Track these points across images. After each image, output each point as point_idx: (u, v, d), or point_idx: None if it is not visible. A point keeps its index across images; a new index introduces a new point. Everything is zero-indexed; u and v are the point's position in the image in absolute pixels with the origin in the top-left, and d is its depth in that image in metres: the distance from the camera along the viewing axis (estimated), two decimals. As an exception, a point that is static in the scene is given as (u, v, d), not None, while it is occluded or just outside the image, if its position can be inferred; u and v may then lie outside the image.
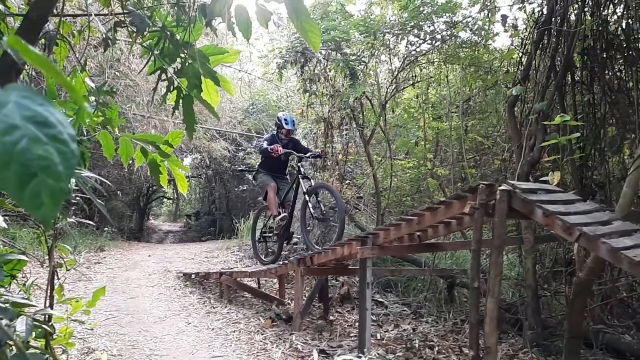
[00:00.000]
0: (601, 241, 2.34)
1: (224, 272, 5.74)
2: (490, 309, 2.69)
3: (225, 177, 16.47)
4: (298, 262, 4.61)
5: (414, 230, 3.66)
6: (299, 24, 1.56)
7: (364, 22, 5.63)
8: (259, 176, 6.02)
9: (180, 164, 2.31)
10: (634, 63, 4.75)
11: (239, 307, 5.40)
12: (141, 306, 5.35)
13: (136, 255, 9.23)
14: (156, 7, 2.01)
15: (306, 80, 6.47)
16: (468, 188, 3.06)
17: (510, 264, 6.08)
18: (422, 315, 5.29)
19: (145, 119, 9.62)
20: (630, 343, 4.00)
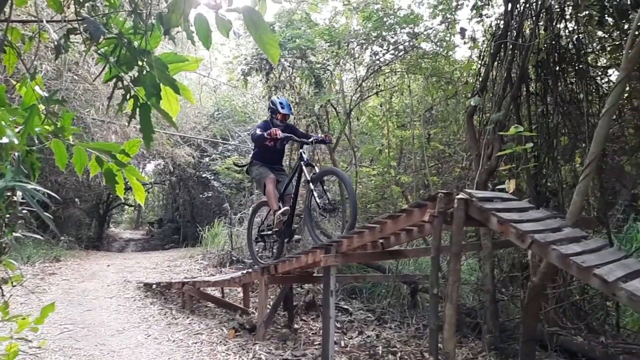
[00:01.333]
0: (551, 248, 2.45)
1: (186, 282, 5.63)
2: (448, 314, 2.75)
3: (189, 184, 16.17)
4: (262, 271, 4.57)
5: (377, 237, 3.70)
6: (257, 36, 1.57)
7: (329, 31, 5.70)
8: (254, 169, 5.33)
9: (138, 173, 2.25)
10: (584, 76, 5.01)
11: (202, 318, 5.30)
12: (98, 319, 5.17)
13: (94, 265, 8.91)
14: (112, 14, 1.96)
15: (271, 87, 6.47)
16: (428, 197, 3.13)
17: (471, 269, 6.25)
18: (386, 321, 5.35)
19: (105, 124, 9.33)
20: (581, 344, 4.17)
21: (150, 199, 24.01)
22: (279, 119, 5.11)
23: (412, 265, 6.43)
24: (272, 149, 5.25)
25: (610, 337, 4.40)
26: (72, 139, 2.06)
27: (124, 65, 2.05)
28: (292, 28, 6.03)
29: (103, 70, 2.10)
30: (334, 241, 3.91)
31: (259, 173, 5.24)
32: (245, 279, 5.00)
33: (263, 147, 5.20)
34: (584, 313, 4.75)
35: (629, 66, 3.28)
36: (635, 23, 3.32)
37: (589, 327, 4.65)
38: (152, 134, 2.11)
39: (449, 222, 2.96)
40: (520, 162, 4.74)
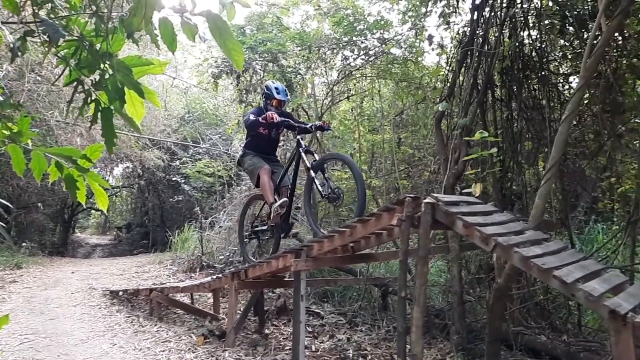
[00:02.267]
0: (514, 250, 2.52)
1: (154, 289, 5.51)
2: (416, 317, 2.79)
3: (159, 187, 15.87)
4: (232, 276, 4.53)
5: (347, 241, 3.72)
6: (221, 42, 1.55)
7: (300, 35, 5.71)
8: (247, 159, 4.89)
9: (99, 178, 2.20)
10: (546, 83, 5.19)
11: (170, 325, 5.19)
12: (61, 328, 4.99)
13: (58, 272, 8.62)
14: (72, 15, 1.91)
15: (242, 90, 6.42)
16: (396, 201, 3.17)
17: (440, 270, 6.35)
18: (357, 324, 5.37)
19: (69, 127, 9.05)
20: (545, 342, 4.30)
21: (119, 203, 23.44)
22: (273, 106, 4.70)
23: (382, 268, 6.48)
24: (266, 138, 4.86)
25: (572, 335, 4.56)
26: (31, 143, 1.99)
27: (85, 69, 2.00)
28: (263, 31, 6.01)
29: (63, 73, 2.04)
30: (305, 245, 3.91)
31: (252, 164, 4.82)
32: (215, 284, 4.93)
33: (256, 136, 4.81)
34: (548, 312, 4.90)
35: (586, 74, 3.42)
36: (592, 33, 3.47)
37: (553, 326, 4.80)
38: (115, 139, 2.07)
39: (416, 225, 3.01)
40: (486, 166, 4.87)
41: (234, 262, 7.20)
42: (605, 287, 2.37)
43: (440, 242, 5.69)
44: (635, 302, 2.34)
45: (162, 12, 1.85)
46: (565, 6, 4.95)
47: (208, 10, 1.55)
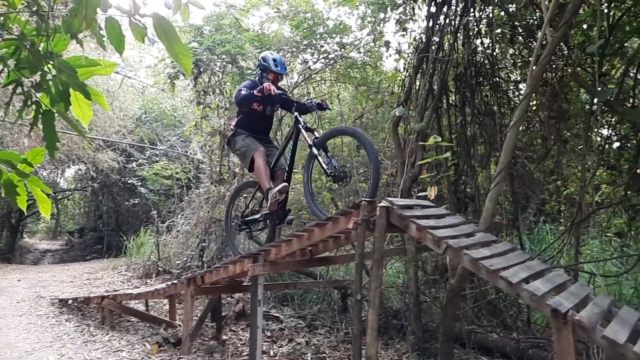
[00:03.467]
0: (464, 252, 2.60)
1: (106, 296, 5.31)
2: (371, 319, 2.82)
3: (114, 190, 15.31)
4: (188, 282, 4.43)
5: (305, 245, 3.72)
6: (168, 45, 1.52)
7: (259, 37, 5.67)
8: (239, 139, 4.37)
9: (42, 184, 2.11)
10: (497, 89, 5.40)
11: (123, 333, 5.02)
12: (4, 339, 4.72)
13: (3, 281, 8.15)
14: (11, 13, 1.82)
15: (200, 91, 6.31)
16: (352, 204, 3.20)
17: (398, 272, 6.46)
18: (316, 327, 5.38)
19: (16, 127, 8.59)
20: (496, 340, 4.46)
21: (71, 206, 22.49)
22: (270, 79, 4.22)
23: (342, 271, 6.53)
24: (260, 115, 4.39)
25: (521, 332, 4.75)
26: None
27: (27, 69, 1.91)
28: (221, 33, 5.93)
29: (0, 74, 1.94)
30: (262, 250, 3.88)
31: (245, 145, 4.30)
32: (170, 290, 4.81)
33: (249, 113, 4.34)
34: (499, 311, 5.08)
35: (533, 83, 3.58)
36: (538, 43, 3.63)
37: (504, 324, 4.98)
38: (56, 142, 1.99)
39: (372, 229, 3.05)
40: (441, 169, 5.00)
41: (192, 267, 7.06)
42: (549, 286, 2.49)
43: (398, 244, 5.78)
44: (576, 301, 2.47)
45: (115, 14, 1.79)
46: (515, 16, 5.16)
47: (155, 12, 1.52)
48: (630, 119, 3.62)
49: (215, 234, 7.21)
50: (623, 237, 5.41)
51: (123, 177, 13.80)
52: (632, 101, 4.42)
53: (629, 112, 3.62)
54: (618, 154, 4.74)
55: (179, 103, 11.86)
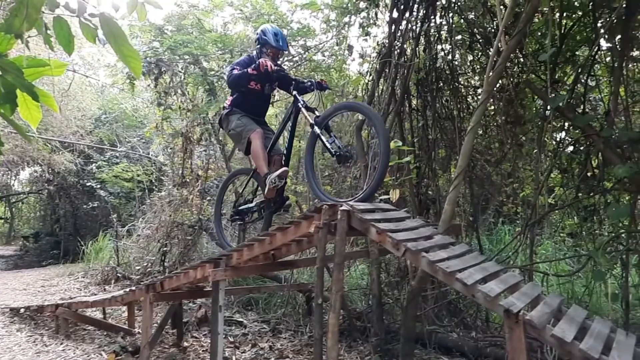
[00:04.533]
0: (421, 255, 2.64)
1: (61, 304, 5.09)
2: (331, 323, 2.83)
3: (72, 193, 14.71)
4: (147, 288, 4.30)
5: (268, 249, 3.70)
6: (116, 48, 1.47)
7: (221, 38, 5.59)
8: (233, 118, 4.00)
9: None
10: (457, 94, 5.54)
11: (79, 343, 4.83)
12: (-52, 353, 4.45)
13: (-51, 290, 7.68)
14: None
15: (161, 92, 6.16)
16: (314, 208, 3.20)
17: (362, 274, 6.51)
18: (280, 331, 5.35)
19: (-37, 127, 8.14)
20: (456, 340, 4.57)
21: (25, 210, 21.49)
22: (269, 55, 3.88)
23: (307, 274, 6.53)
24: (257, 94, 4.03)
25: (480, 331, 4.89)
26: None
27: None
28: (183, 33, 5.82)
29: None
30: (224, 254, 3.82)
31: (241, 124, 3.95)
32: (128, 297, 4.66)
33: (246, 92, 3.98)
34: (459, 311, 5.21)
35: (489, 89, 3.70)
36: (493, 51, 3.75)
37: (464, 324, 5.11)
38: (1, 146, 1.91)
39: (333, 232, 3.06)
40: (404, 173, 5.08)
41: (153, 273, 6.88)
42: (502, 287, 2.57)
43: (362, 247, 5.83)
44: (528, 301, 2.55)
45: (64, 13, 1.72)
46: (474, 24, 5.31)
47: (102, 13, 1.47)
48: (579, 124, 3.78)
49: (177, 238, 7.06)
50: (575, 238, 5.65)
51: (81, 180, 13.29)
52: (583, 107, 4.64)
53: (579, 118, 3.78)
54: (570, 157, 4.96)
55: (140, 103, 11.55)
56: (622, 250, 4.14)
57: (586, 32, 4.64)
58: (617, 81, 4.20)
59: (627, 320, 4.30)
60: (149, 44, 6.21)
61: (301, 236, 3.53)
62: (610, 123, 3.91)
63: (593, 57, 4.60)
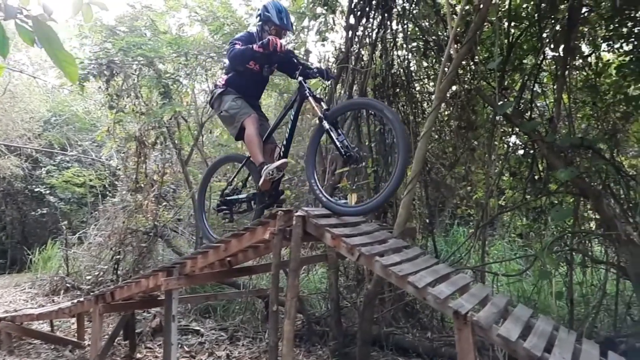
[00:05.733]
0: (375, 259, 2.68)
1: (3, 318, 4.81)
2: (286, 330, 2.81)
3: (19, 199, 13.94)
4: (96, 299, 4.13)
5: (223, 256, 3.64)
6: (50, 52, 1.41)
7: (176, 40, 5.47)
8: (227, 99, 3.67)
9: None
10: (412, 100, 5.66)
11: (23, 358, 4.58)
12: None
13: None
14: None
15: (112, 95, 5.95)
16: (269, 214, 3.17)
17: (323, 277, 6.53)
18: (239, 338, 5.27)
19: None
20: (412, 341, 4.65)
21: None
22: (272, 34, 3.51)
23: (266, 280, 6.47)
24: (255, 76, 3.71)
25: (436, 331, 5.00)
26: None
27: None
28: (136, 34, 5.65)
29: None
30: (177, 262, 3.73)
31: (235, 107, 3.62)
32: (77, 309, 4.46)
33: (243, 72, 3.65)
34: (416, 312, 5.31)
35: (440, 95, 3.79)
36: (444, 58, 3.86)
37: (420, 324, 5.21)
38: None
39: (288, 238, 3.04)
40: (361, 177, 5.13)
41: (105, 282, 6.62)
42: (452, 289, 2.63)
43: (321, 251, 5.85)
44: (476, 302, 2.63)
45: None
46: (427, 32, 5.45)
47: (34, 16, 1.39)
48: (525, 130, 3.95)
49: (131, 245, 6.83)
50: (525, 238, 5.89)
51: (29, 185, 12.61)
52: (530, 114, 4.85)
53: (524, 124, 3.95)
54: (519, 161, 5.17)
55: (92, 106, 11.12)
56: (566, 250, 4.34)
57: (532, 41, 4.86)
58: (560, 88, 4.43)
59: (571, 317, 4.53)
60: (100, 45, 5.99)
61: (258, 242, 3.49)
62: (554, 129, 4.11)
63: (539, 65, 4.83)
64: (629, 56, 4.29)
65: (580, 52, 4.87)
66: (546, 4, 4.43)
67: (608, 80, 4.94)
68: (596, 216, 4.48)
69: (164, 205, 7.43)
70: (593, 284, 5.08)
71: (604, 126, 4.85)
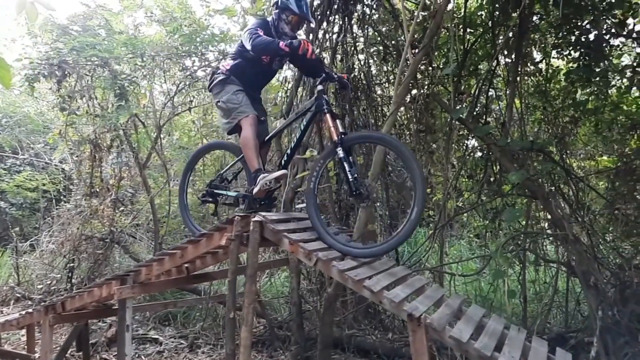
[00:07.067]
0: (332, 264, 2.68)
1: (-57, 333, 4.52)
2: (243, 337, 2.78)
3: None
4: (46, 310, 3.95)
5: (180, 263, 3.55)
6: (-22, 53, 1.32)
7: (131, 41, 5.31)
8: (229, 89, 3.38)
9: None
10: (373, 104, 5.73)
11: (-35, 375, 4.32)
12: None
13: None
14: None
15: (64, 96, 5.71)
16: (226, 220, 3.13)
17: (286, 281, 6.49)
18: (199, 346, 5.17)
19: None
20: (373, 342, 4.69)
21: None
22: (290, 23, 3.28)
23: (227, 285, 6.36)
24: (262, 68, 3.44)
25: (397, 332, 5.07)
26: None
27: None
28: (89, 34, 5.45)
29: None
30: (131, 270, 3.61)
31: (236, 101, 3.33)
32: (25, 320, 4.24)
33: (251, 62, 3.36)
34: (377, 313, 5.36)
35: (398, 99, 3.84)
36: (401, 64, 3.92)
37: (383, 326, 5.27)
38: None
39: (245, 244, 3.01)
40: (323, 180, 5.14)
41: (59, 291, 6.34)
42: (408, 291, 2.67)
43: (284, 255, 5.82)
44: (430, 303, 2.68)
45: None
46: (387, 37, 5.53)
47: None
48: (478, 134, 4.06)
49: (86, 252, 6.57)
50: (481, 238, 6.06)
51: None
52: (485, 118, 5.00)
53: (478, 128, 4.06)
54: (475, 164, 5.32)
55: (45, 107, 10.65)
56: (519, 249, 4.50)
57: (487, 47, 5.02)
58: (512, 94, 4.59)
59: (525, 314, 4.70)
60: (51, 44, 5.74)
61: (216, 248, 3.43)
62: (506, 133, 4.25)
63: (493, 71, 4.99)
64: (577, 63, 4.49)
65: (531, 59, 5.07)
66: (499, 12, 4.58)
67: (558, 85, 5.17)
68: (548, 216, 4.66)
69: (122, 210, 7.20)
70: (546, 281, 5.29)
71: (554, 130, 5.06)
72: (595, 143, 5.77)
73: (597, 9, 4.17)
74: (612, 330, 3.47)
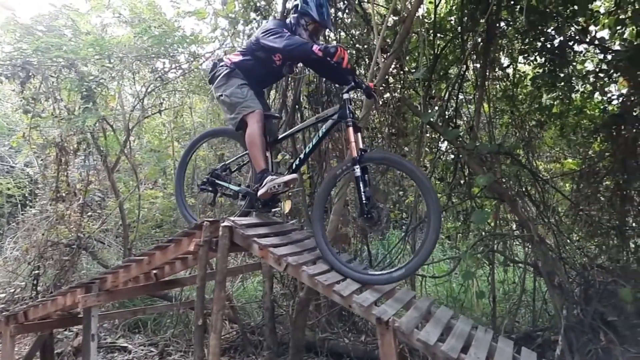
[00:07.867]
0: (301, 269, 2.67)
1: None
2: (212, 344, 2.73)
3: None
4: (7, 320, 3.80)
5: (147, 269, 3.47)
6: None
7: (98, 41, 5.18)
8: (234, 82, 3.18)
9: None
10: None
11: None
12: None
13: None
14: None
15: (28, 98, 5.52)
16: (194, 225, 3.07)
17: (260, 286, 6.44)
18: (170, 353, 5.08)
19: None
20: (346, 345, 4.70)
21: None
22: (309, 30, 3.12)
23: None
24: (272, 68, 3.27)
25: (370, 334, 5.08)
26: None
27: None
28: (55, 34, 5.28)
29: None
30: (97, 278, 3.51)
31: (240, 96, 3.14)
32: (-16, 331, 4.07)
33: (261, 61, 3.21)
34: (351, 316, 5.36)
35: (368, 104, 3.87)
36: (371, 69, 3.95)
37: (356, 328, 5.28)
38: None
39: (214, 250, 2.96)
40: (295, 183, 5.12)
41: (23, 299, 6.10)
42: (377, 295, 2.68)
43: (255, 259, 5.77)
44: (399, 307, 2.70)
45: None
46: (359, 40, 5.56)
47: None
48: (448, 138, 4.12)
49: (52, 258, 6.36)
50: (452, 240, 6.16)
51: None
52: (455, 121, 5.09)
53: (447, 132, 4.12)
54: (445, 167, 5.41)
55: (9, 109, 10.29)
56: (488, 251, 4.59)
57: (456, 52, 5.11)
58: (480, 98, 4.69)
59: (494, 314, 4.79)
60: (14, 45, 5.53)
61: (185, 253, 3.37)
62: (474, 137, 4.33)
63: (462, 76, 5.08)
64: (543, 68, 4.62)
65: (499, 64, 5.19)
66: (468, 18, 4.67)
67: (524, 90, 5.30)
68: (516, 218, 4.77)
69: (89, 215, 7.00)
70: (514, 281, 5.41)
71: (521, 133, 5.19)
72: (561, 146, 5.95)
73: (562, 16, 4.30)
74: (577, 329, 3.58)
